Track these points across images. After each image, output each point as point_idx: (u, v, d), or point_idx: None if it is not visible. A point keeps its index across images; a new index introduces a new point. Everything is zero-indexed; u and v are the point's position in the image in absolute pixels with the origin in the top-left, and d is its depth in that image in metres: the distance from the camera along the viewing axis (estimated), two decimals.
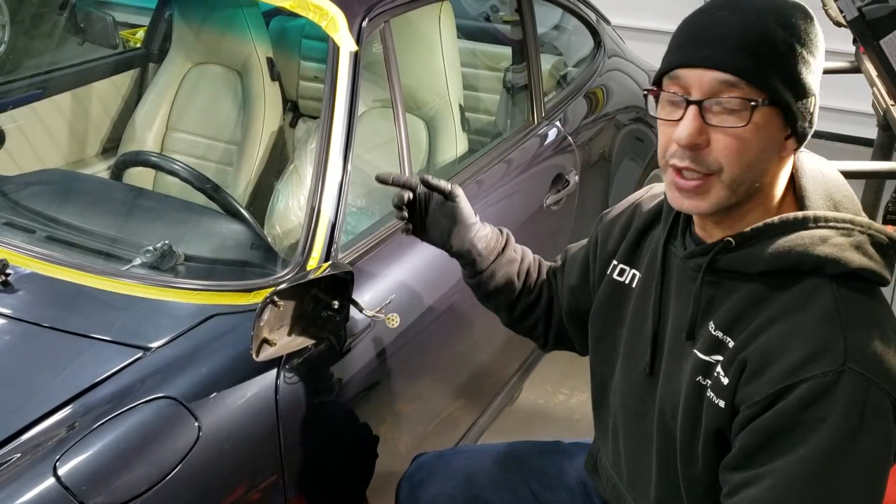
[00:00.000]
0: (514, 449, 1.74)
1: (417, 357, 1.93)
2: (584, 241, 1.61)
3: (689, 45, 1.16)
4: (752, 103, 1.12)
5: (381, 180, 1.58)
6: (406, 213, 1.58)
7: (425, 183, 1.57)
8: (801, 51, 1.14)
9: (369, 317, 1.54)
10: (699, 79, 1.14)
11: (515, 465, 1.69)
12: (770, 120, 1.15)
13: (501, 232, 1.65)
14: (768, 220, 1.19)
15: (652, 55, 2.66)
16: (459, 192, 1.58)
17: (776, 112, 1.15)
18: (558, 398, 3.04)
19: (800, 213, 1.19)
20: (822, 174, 1.24)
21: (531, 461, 1.70)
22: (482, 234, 1.59)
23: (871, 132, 4.41)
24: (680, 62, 1.16)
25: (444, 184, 1.57)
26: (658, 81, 1.21)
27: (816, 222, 1.18)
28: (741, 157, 1.14)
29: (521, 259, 1.64)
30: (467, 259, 1.59)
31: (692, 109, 1.14)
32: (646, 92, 1.23)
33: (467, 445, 2.21)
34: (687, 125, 1.14)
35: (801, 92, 1.15)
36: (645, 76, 3.27)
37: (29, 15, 2.78)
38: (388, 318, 1.54)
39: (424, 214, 1.59)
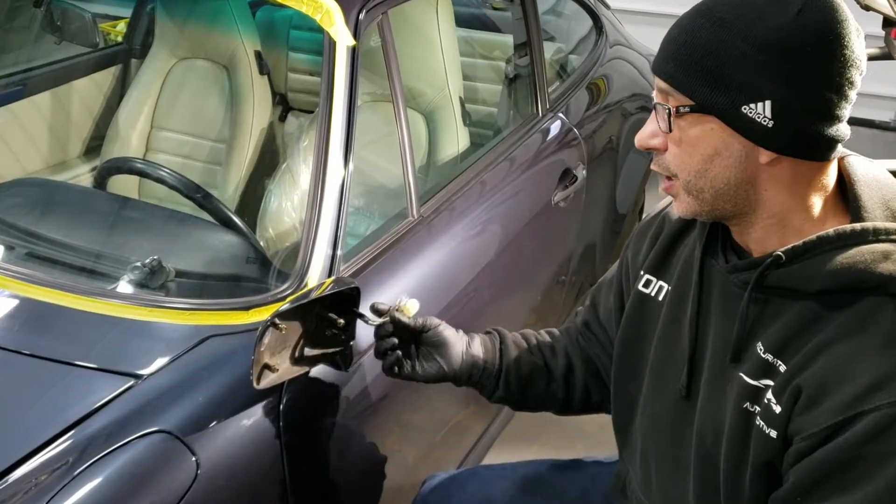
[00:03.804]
0: (533, 469, 1.64)
1: None
2: (610, 277, 1.49)
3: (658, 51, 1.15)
4: (669, 109, 1.10)
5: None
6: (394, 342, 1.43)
7: (395, 323, 1.44)
8: (746, 50, 1.03)
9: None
10: (656, 84, 1.14)
11: (535, 487, 1.60)
12: (707, 126, 1.08)
13: (492, 333, 1.54)
14: (822, 233, 1.08)
15: (650, 39, 2.57)
16: (435, 320, 1.48)
17: (712, 118, 1.07)
18: None
19: (857, 225, 1.08)
20: (876, 180, 1.13)
21: (552, 482, 1.61)
22: (475, 343, 1.50)
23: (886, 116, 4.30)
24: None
25: (417, 322, 1.45)
26: None
27: (877, 235, 1.07)
28: (684, 163, 1.12)
29: (528, 342, 1.53)
30: (476, 373, 1.49)
31: (652, 113, 1.15)
32: None
33: (481, 466, 2.11)
34: (643, 128, 1.16)
35: (744, 96, 1.05)
36: (646, 62, 3.16)
37: (3, 10, 2.65)
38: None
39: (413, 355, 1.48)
